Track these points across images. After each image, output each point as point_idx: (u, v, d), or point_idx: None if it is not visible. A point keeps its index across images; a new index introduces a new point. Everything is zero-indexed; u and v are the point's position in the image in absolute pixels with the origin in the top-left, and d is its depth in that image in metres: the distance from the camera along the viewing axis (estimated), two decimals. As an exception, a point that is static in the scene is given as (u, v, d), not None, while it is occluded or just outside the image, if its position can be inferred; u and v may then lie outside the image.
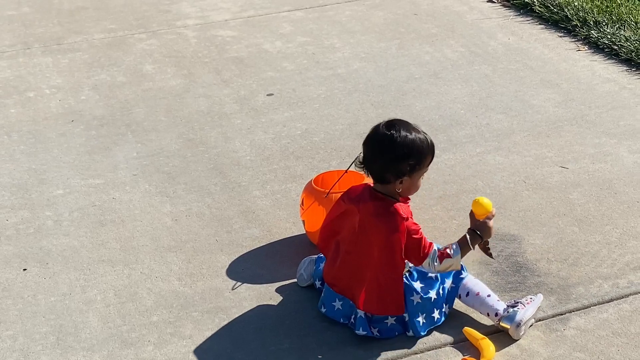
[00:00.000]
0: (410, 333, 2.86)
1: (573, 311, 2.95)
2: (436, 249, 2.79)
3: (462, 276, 2.94)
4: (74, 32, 5.75)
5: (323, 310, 2.97)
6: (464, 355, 2.73)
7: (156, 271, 3.28)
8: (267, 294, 3.12)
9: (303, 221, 3.34)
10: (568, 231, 3.39)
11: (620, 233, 3.36)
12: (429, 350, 2.81)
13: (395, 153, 2.76)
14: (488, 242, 2.89)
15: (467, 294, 2.92)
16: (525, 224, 3.45)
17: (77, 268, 3.32)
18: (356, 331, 2.85)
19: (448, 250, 2.78)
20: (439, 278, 2.91)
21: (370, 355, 2.80)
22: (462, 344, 2.82)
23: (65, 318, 3.05)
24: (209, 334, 2.94)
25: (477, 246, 2.84)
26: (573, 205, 3.56)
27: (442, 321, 2.89)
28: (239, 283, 3.18)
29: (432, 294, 2.86)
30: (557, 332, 2.85)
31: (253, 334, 2.92)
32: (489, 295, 2.90)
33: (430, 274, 2.88)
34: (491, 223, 2.84)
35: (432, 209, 3.58)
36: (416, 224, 2.80)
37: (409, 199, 2.87)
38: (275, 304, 3.07)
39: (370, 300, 2.83)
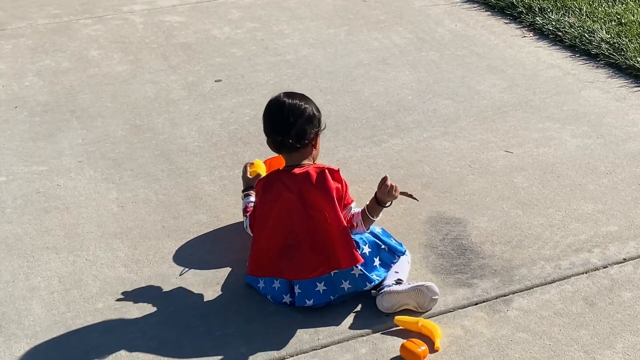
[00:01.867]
0: (367, 287, 2.93)
1: (516, 292, 2.99)
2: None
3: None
4: (17, 18, 5.65)
5: (260, 285, 3.00)
6: (409, 339, 2.74)
7: (101, 258, 3.25)
8: (214, 280, 3.11)
9: None
10: (512, 214, 3.44)
11: (562, 215, 3.42)
12: (375, 333, 2.83)
13: (307, 111, 2.97)
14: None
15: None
16: (470, 207, 3.49)
17: (21, 255, 3.27)
18: (300, 304, 2.92)
19: None
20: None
21: (316, 339, 2.81)
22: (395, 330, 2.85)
23: (8, 306, 3.00)
24: (154, 320, 2.92)
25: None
26: (517, 189, 3.61)
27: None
28: (185, 269, 3.17)
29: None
30: (500, 313, 2.89)
31: (199, 319, 2.91)
32: (396, 272, 2.98)
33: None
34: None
35: (379, 194, 3.60)
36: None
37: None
38: (222, 289, 3.06)
39: (341, 257, 2.89)
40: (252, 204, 3.12)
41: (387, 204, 2.95)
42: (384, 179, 2.92)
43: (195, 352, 2.77)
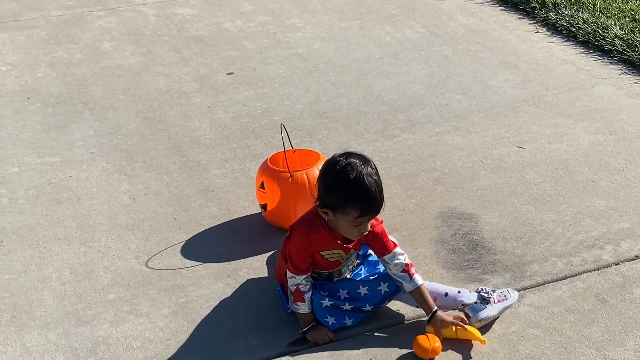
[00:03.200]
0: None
1: (527, 288, 2.99)
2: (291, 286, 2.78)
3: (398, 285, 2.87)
4: (30, 9, 5.66)
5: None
6: (426, 333, 2.74)
7: (113, 249, 3.26)
8: (224, 272, 3.11)
9: (264, 205, 3.31)
10: (524, 210, 3.43)
11: (574, 212, 3.41)
12: (387, 327, 2.83)
13: (324, 178, 2.68)
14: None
15: (435, 299, 2.80)
16: (482, 202, 3.48)
17: (33, 246, 3.28)
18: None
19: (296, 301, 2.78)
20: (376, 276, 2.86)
21: (327, 332, 2.81)
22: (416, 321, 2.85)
23: (20, 296, 3.02)
24: (165, 311, 2.93)
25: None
26: (529, 185, 3.60)
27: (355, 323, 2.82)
28: (196, 261, 3.17)
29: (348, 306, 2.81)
30: (511, 309, 2.88)
31: (210, 311, 2.92)
32: (459, 292, 2.81)
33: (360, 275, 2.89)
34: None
35: (391, 188, 3.60)
36: (302, 261, 2.75)
37: (347, 239, 2.77)
38: (233, 282, 3.06)
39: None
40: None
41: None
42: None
43: (205, 343, 2.78)
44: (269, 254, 3.20)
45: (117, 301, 2.98)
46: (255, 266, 3.14)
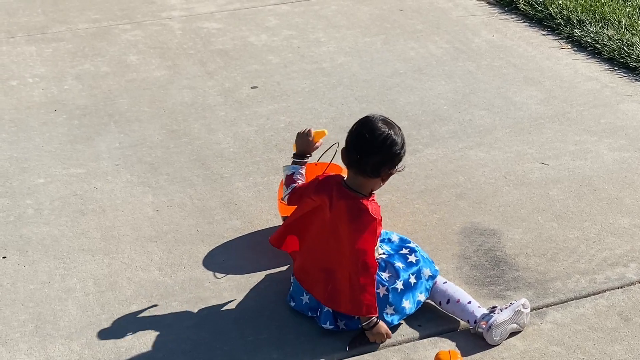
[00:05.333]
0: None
1: (550, 305, 2.97)
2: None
3: (437, 268, 2.96)
4: (58, 22, 5.73)
5: (292, 304, 2.98)
6: (447, 349, 2.73)
7: (136, 261, 3.28)
8: (247, 285, 3.13)
9: (287, 218, 3.32)
10: (547, 227, 3.41)
11: (598, 229, 3.39)
12: (407, 342, 2.83)
13: (396, 148, 2.78)
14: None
15: (448, 301, 2.89)
16: (505, 219, 3.48)
17: (57, 257, 3.31)
18: (322, 325, 2.85)
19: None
20: (412, 267, 2.90)
21: (347, 347, 2.81)
22: (448, 334, 2.84)
23: (44, 306, 3.04)
24: (188, 323, 2.94)
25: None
26: (552, 201, 3.59)
27: (414, 310, 2.87)
28: (219, 274, 3.19)
29: (399, 285, 2.85)
30: (534, 326, 2.87)
31: (232, 324, 2.93)
32: (469, 302, 2.86)
33: (397, 262, 2.89)
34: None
35: (414, 203, 3.60)
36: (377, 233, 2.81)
37: (374, 195, 2.87)
38: (255, 295, 3.07)
39: (342, 301, 2.79)
40: (300, 176, 3.03)
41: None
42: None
43: (227, 356, 2.79)
44: (291, 267, 3.21)
45: (140, 312, 3.00)
46: (278, 279, 3.15)
